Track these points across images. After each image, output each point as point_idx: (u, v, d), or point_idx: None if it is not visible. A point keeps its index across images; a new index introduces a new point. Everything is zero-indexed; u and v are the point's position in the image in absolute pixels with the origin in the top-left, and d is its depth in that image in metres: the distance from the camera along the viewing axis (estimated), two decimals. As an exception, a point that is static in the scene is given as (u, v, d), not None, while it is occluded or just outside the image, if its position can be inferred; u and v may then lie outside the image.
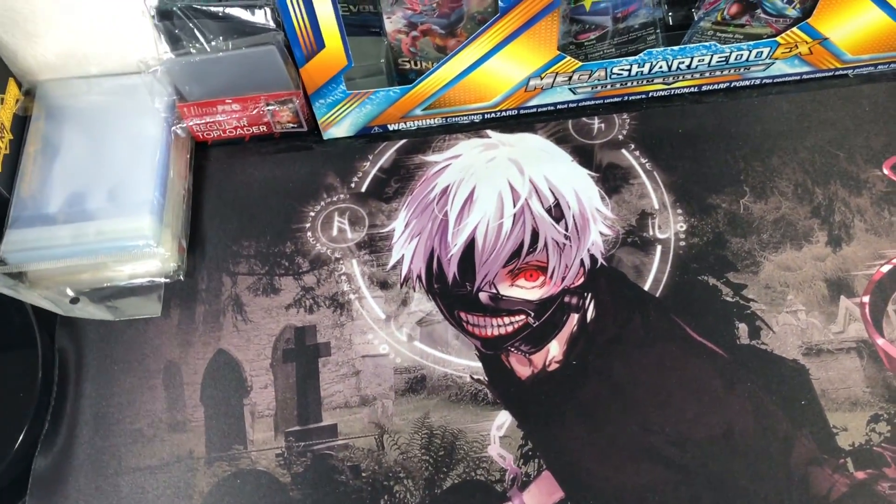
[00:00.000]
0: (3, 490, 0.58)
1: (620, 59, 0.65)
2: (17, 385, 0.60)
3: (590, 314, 0.61)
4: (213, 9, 0.62)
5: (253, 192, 0.69)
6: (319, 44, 0.60)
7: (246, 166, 0.70)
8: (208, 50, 0.63)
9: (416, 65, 0.66)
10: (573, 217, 0.65)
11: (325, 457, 0.58)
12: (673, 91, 0.70)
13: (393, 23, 0.63)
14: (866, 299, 0.61)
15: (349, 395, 0.60)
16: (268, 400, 0.60)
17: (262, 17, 0.62)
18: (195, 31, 0.62)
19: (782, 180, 0.66)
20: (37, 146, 0.68)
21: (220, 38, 0.63)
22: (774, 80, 0.71)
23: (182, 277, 0.64)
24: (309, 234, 0.67)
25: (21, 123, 0.69)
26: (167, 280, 0.64)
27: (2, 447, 0.58)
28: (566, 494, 0.55)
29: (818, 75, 0.70)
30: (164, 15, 0.62)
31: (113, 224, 0.63)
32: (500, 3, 0.58)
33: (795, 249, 0.63)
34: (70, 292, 0.63)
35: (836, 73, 0.70)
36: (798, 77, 0.70)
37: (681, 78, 0.69)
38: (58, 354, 0.62)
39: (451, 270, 0.64)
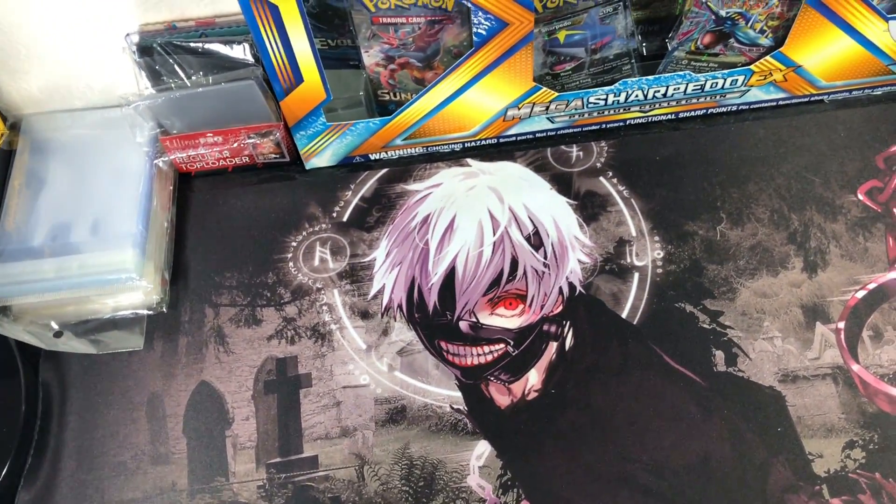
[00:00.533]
0: (-13, 525, 0.58)
1: (596, 88, 0.66)
2: (0, 418, 0.60)
3: (568, 342, 0.62)
4: (192, 45, 0.63)
5: (235, 222, 0.70)
6: (298, 78, 0.61)
7: (229, 197, 0.71)
8: (189, 85, 0.64)
9: (395, 96, 0.67)
10: (552, 245, 0.66)
11: (306, 488, 0.58)
12: (650, 118, 0.71)
13: (371, 56, 0.64)
14: (841, 325, 0.61)
15: (330, 427, 0.60)
16: (249, 431, 0.60)
17: (240, 52, 0.63)
18: (175, 66, 0.63)
19: (759, 206, 0.67)
20: (21, 180, 0.68)
21: (201, 73, 0.63)
22: (751, 107, 0.71)
23: (165, 309, 0.65)
24: (291, 264, 0.67)
25: (6, 157, 0.70)
26: (150, 312, 0.64)
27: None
28: (544, 524, 0.56)
29: (794, 101, 0.71)
30: (144, 51, 0.63)
31: (96, 257, 0.64)
32: (475, 38, 0.59)
33: (772, 276, 0.64)
34: (54, 325, 0.64)
35: (812, 98, 0.71)
36: (774, 103, 0.71)
37: (657, 106, 0.69)
38: (41, 387, 0.63)
39: (432, 299, 0.64)
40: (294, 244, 0.68)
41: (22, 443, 0.60)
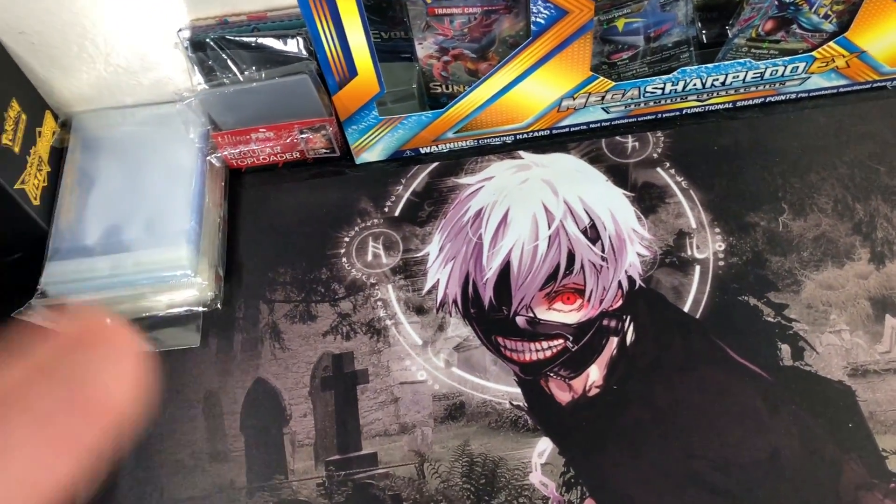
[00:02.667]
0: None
1: (653, 77, 0.65)
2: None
3: (629, 337, 0.61)
4: (245, 39, 0.62)
5: (287, 218, 0.69)
6: (352, 71, 0.60)
7: (280, 193, 0.71)
8: (241, 80, 0.63)
9: (447, 88, 0.66)
10: (609, 238, 0.65)
11: (366, 486, 0.57)
12: (707, 108, 0.70)
13: (424, 48, 0.63)
14: (912, 318, 0.60)
15: (388, 423, 0.60)
16: (307, 428, 0.60)
17: (294, 46, 0.62)
18: (228, 61, 0.63)
19: (821, 196, 0.65)
20: (74, 178, 0.68)
21: (253, 67, 0.63)
22: (810, 95, 0.70)
23: (220, 306, 0.65)
24: (344, 259, 0.67)
25: (58, 155, 0.70)
26: (205, 309, 0.64)
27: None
28: (610, 522, 0.54)
29: (855, 88, 0.69)
30: (197, 46, 0.63)
31: (150, 255, 0.64)
32: (532, 27, 0.58)
33: (837, 267, 0.62)
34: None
35: (874, 85, 0.69)
36: (835, 90, 0.69)
37: (715, 95, 0.68)
38: (99, 386, 0.62)
39: (487, 294, 0.63)
40: (346, 239, 0.68)
41: (80, 441, 0.60)
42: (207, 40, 0.62)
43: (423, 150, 0.71)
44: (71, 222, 0.66)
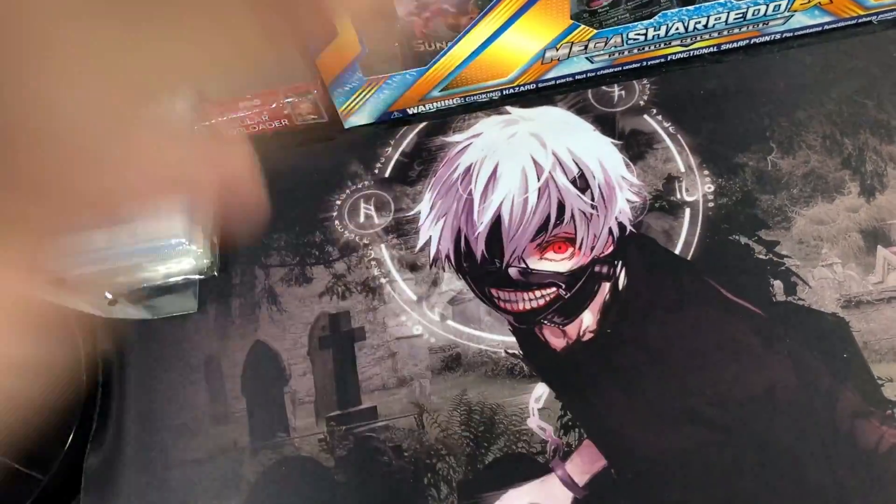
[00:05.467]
0: (59, 489, 0.59)
1: (635, 23, 0.65)
2: (63, 388, 0.61)
3: (621, 282, 0.61)
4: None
5: (279, 185, 0.70)
6: (332, 32, 0.61)
7: (270, 160, 0.70)
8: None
9: (430, 46, 0.66)
10: (599, 186, 0.65)
11: (367, 439, 0.58)
12: (692, 52, 0.70)
13: (404, 5, 0.63)
14: (904, 247, 0.60)
15: (386, 377, 0.60)
16: (307, 387, 0.61)
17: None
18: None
19: (809, 134, 0.65)
20: (67, 155, 0.69)
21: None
22: (795, 34, 0.69)
23: (216, 273, 0.65)
24: (336, 222, 0.67)
25: (51, 135, 0.71)
26: (202, 277, 0.65)
27: (53, 447, 0.59)
28: (609, 462, 0.55)
29: (841, 24, 0.69)
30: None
31: (146, 225, 0.65)
32: (509, -24, 0.58)
33: (827, 202, 0.62)
34: (108, 295, 0.64)
35: (861, 21, 0.69)
36: (820, 28, 0.69)
37: (699, 38, 0.68)
38: (100, 356, 0.64)
39: (479, 248, 0.64)
40: (338, 202, 0.68)
41: (86, 411, 0.61)
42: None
43: (410, 111, 0.71)
44: (66, 199, 0.67)
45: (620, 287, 0.61)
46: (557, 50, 0.66)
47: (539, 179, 0.65)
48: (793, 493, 0.52)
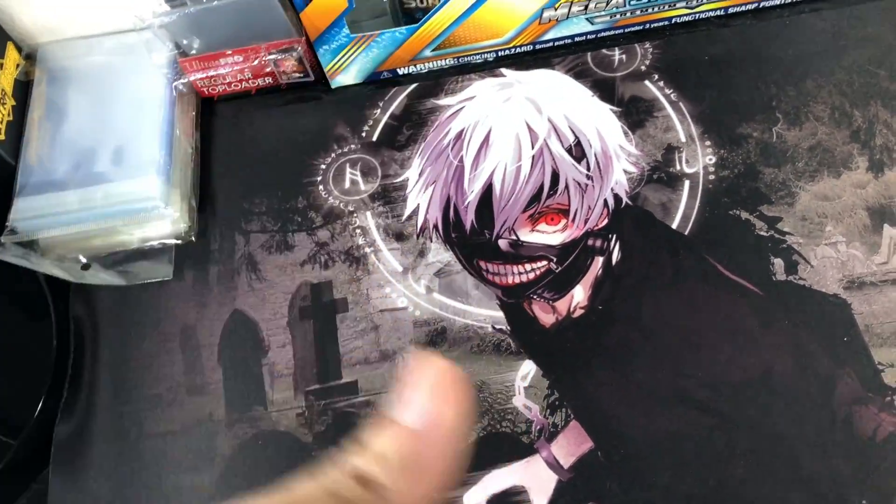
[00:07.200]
0: (27, 459, 0.58)
1: (639, -17, 0.61)
2: (33, 354, 0.59)
3: (615, 256, 0.59)
4: (205, -45, 0.59)
5: (262, 147, 0.67)
6: (317, -15, 0.57)
7: (253, 121, 0.68)
8: (204, 0, 0.60)
9: (421, 2, 0.63)
10: (595, 156, 0.62)
11: (346, 414, 0.56)
12: (697, 15, 0.66)
13: (394, -41, 0.59)
14: (912, 227, 0.57)
15: (368, 351, 0.58)
16: (286, 359, 0.58)
17: (256, -40, 0.59)
18: (189, -20, 0.60)
19: (818, 104, 0.62)
20: (40, 111, 0.66)
21: (216, -14, 0.60)
22: (807, -3, 0.66)
23: (194, 238, 0.63)
24: (321, 187, 0.65)
25: (24, 89, 0.67)
26: (179, 242, 0.62)
27: (22, 415, 0.57)
28: (596, 444, 0.53)
29: (855, -11, 0.65)
30: (155, -35, 0.60)
31: (120, 187, 0.62)
32: (506, -71, 0.54)
33: (833, 177, 0.59)
34: (82, 259, 0.62)
35: (875, -15, 0.65)
36: (833, -8, 0.65)
37: (705, 1, 0.64)
38: (72, 322, 0.61)
39: (469, 218, 0.61)
40: (323, 167, 0.65)
41: (56, 378, 0.59)
42: (166, -41, 0.59)
43: (400, 72, 0.68)
44: (39, 156, 0.64)
45: (614, 262, 0.58)
46: (556, 9, 0.62)
47: (533, 147, 0.62)
48: (785, 480, 0.50)
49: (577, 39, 0.67)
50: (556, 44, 0.67)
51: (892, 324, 0.54)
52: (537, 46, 0.67)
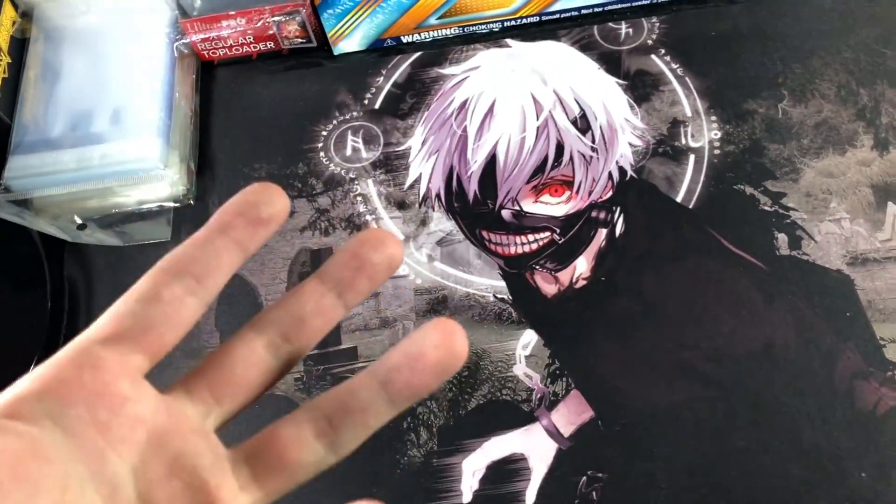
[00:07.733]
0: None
1: (649, -46, 0.61)
2: (27, 315, 0.58)
3: (619, 229, 0.58)
4: (210, -88, 0.58)
5: (263, 112, 0.66)
6: (325, -54, 0.56)
7: (254, 85, 0.67)
8: (208, -42, 0.59)
9: (429, -31, 0.62)
10: (600, 128, 0.62)
11: (345, 380, 0.55)
12: (705, -9, 0.66)
13: (403, -78, 0.59)
14: (916, 205, 0.57)
15: (368, 318, 0.57)
16: (284, 324, 0.58)
17: (263, -82, 0.58)
18: (193, -63, 0.59)
19: (824, 82, 0.62)
20: (37, 70, 0.65)
21: (220, -56, 0.59)
22: (815, -24, 0.66)
23: (192, 201, 0.62)
24: (322, 154, 0.64)
25: (20, 46, 0.66)
26: (177, 205, 0.61)
27: (15, 377, 0.56)
28: (596, 413, 0.53)
29: (863, -31, 0.65)
30: (159, -79, 0.59)
31: (118, 147, 0.61)
32: None
33: (839, 154, 0.59)
34: (77, 219, 0.61)
35: (883, -35, 0.65)
36: (841, -29, 0.65)
37: (714, -25, 0.64)
38: (67, 282, 0.60)
39: (472, 188, 0.61)
40: (324, 133, 0.65)
41: (49, 339, 0.58)
42: (170, -86, 0.58)
43: (404, 39, 0.67)
44: (35, 115, 0.63)
45: (617, 234, 0.58)
46: (564, -20, 0.62)
47: (538, 118, 0.62)
48: (786, 452, 0.50)
49: (583, 12, 0.66)
50: (563, 16, 0.66)
51: (894, 300, 0.54)
52: (544, 18, 0.66)
